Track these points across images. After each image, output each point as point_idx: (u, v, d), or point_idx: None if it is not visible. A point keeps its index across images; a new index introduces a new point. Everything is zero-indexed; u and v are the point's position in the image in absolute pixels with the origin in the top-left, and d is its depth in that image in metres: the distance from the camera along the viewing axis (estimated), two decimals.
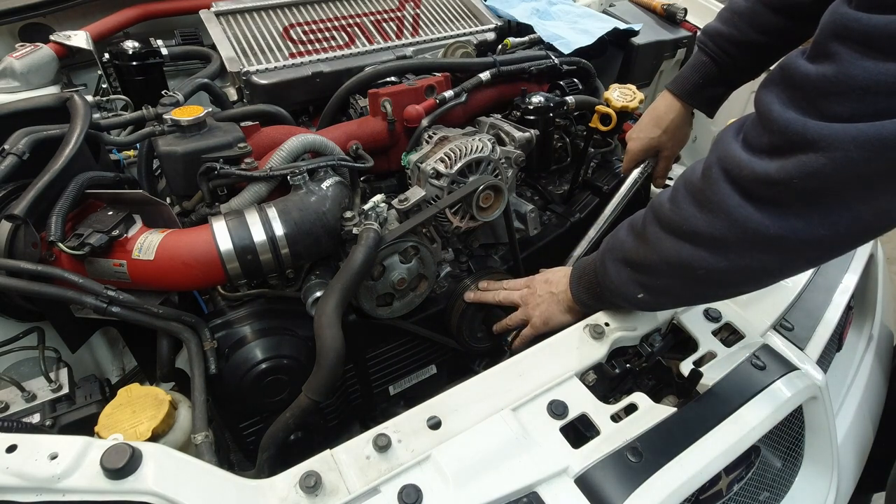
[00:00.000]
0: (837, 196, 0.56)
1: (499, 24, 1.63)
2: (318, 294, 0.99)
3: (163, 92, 1.22)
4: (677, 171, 1.95)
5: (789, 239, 0.60)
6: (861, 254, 1.21)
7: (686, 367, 0.85)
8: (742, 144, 0.62)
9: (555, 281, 1.00)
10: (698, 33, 1.15)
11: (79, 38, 1.43)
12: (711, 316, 0.93)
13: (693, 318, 0.92)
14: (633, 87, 1.34)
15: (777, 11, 1.00)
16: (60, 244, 0.83)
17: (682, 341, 0.93)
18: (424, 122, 1.20)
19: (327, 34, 1.45)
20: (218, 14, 1.42)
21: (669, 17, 1.76)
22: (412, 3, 1.59)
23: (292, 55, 1.38)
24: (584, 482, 0.71)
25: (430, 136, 1.18)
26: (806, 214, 0.58)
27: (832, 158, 0.53)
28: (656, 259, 0.73)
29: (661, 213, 0.72)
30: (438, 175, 1.07)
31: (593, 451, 0.73)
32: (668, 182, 1.34)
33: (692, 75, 1.16)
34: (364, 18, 1.51)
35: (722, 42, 1.08)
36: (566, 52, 1.48)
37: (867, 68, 0.50)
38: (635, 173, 1.26)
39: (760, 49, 1.06)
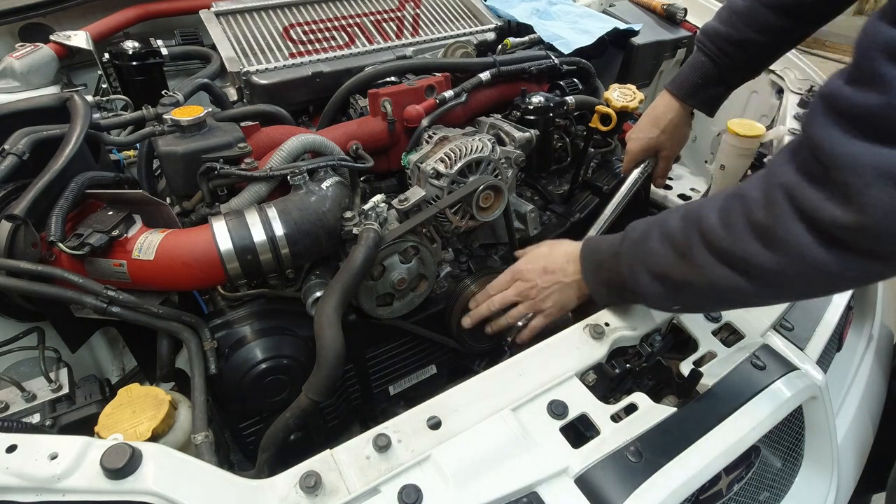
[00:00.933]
0: None
1: (499, 24, 1.63)
2: (318, 294, 0.99)
3: (163, 92, 1.22)
4: (678, 170, 1.95)
5: (853, 277, 0.59)
6: None
7: (686, 367, 0.85)
8: (808, 180, 0.58)
9: (557, 269, 0.95)
10: (697, 33, 1.15)
11: (79, 38, 1.43)
12: (711, 316, 0.93)
13: (693, 319, 0.92)
14: (633, 87, 1.34)
15: (776, 11, 1.00)
16: (60, 244, 0.83)
17: (681, 341, 0.93)
18: (424, 122, 1.20)
19: (327, 34, 1.45)
20: (218, 14, 1.42)
21: (669, 17, 1.77)
22: (412, 3, 1.59)
23: (292, 55, 1.38)
24: (584, 482, 0.71)
25: (430, 136, 1.18)
26: (885, 257, 0.56)
27: None
28: (703, 283, 0.71)
29: (714, 239, 0.67)
30: (438, 175, 1.07)
31: (593, 451, 0.73)
32: (668, 182, 1.34)
33: (691, 75, 1.16)
34: (364, 18, 1.51)
35: (720, 42, 1.08)
36: (566, 52, 1.49)
37: None
38: (635, 173, 1.26)
39: (759, 48, 1.07)
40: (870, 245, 0.55)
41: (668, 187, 1.87)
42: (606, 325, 0.89)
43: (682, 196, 1.85)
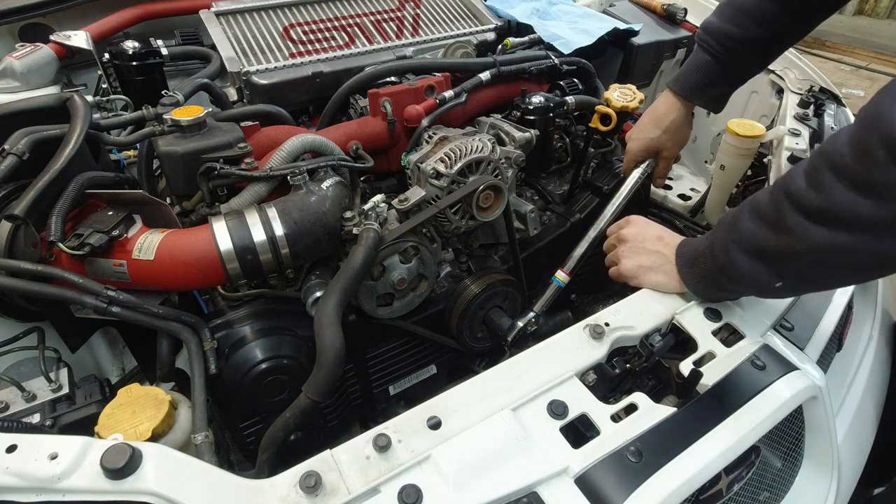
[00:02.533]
0: None
1: (499, 24, 1.63)
2: (318, 294, 1.00)
3: (163, 92, 1.22)
4: (677, 170, 1.95)
5: None
6: None
7: (686, 367, 0.85)
8: (891, 147, 0.56)
9: (666, 249, 0.94)
10: (697, 31, 1.14)
11: (79, 39, 1.43)
12: (711, 316, 0.93)
13: (693, 318, 0.92)
14: (633, 87, 1.34)
15: (783, 7, 0.99)
16: (60, 244, 0.83)
17: (681, 341, 0.93)
18: (424, 123, 1.20)
19: (327, 34, 1.45)
20: (218, 14, 1.42)
21: (669, 17, 1.77)
22: (412, 3, 1.59)
23: (292, 55, 1.38)
24: (584, 482, 0.71)
25: (430, 137, 1.18)
26: None
27: None
28: (803, 248, 0.68)
29: (805, 202, 0.66)
30: (438, 175, 1.07)
31: (593, 451, 0.73)
32: (668, 182, 1.34)
33: (695, 74, 1.14)
34: (364, 18, 1.51)
35: (725, 40, 1.07)
36: (566, 52, 1.49)
37: None
38: (636, 173, 1.26)
39: (766, 45, 1.06)
40: None
41: (668, 187, 1.87)
42: (606, 324, 0.89)
43: (681, 196, 1.85)
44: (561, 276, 1.15)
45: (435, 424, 0.74)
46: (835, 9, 1.01)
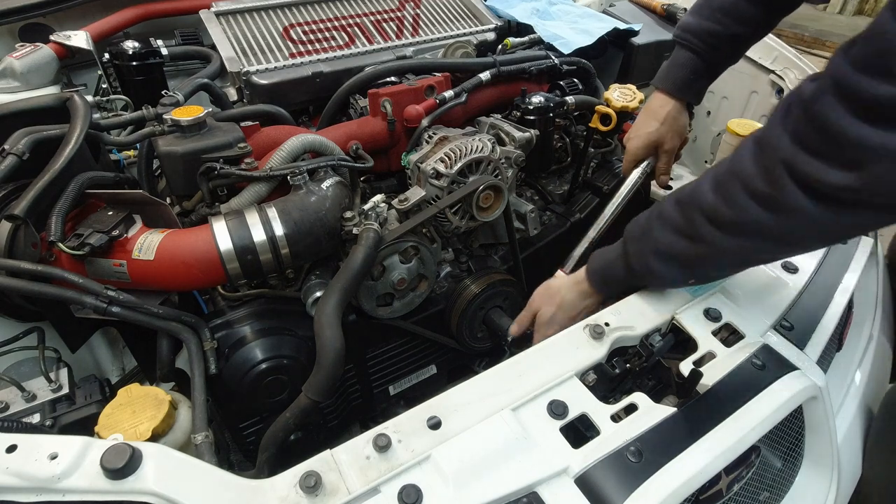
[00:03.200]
0: None
1: (499, 24, 1.63)
2: (319, 294, 1.00)
3: (163, 92, 1.23)
4: (677, 170, 1.95)
5: (848, 227, 0.68)
6: (861, 253, 1.21)
7: (686, 367, 0.85)
8: (807, 152, 0.64)
9: (560, 290, 1.03)
10: (676, 31, 1.17)
11: (79, 39, 1.43)
12: (711, 316, 0.93)
13: (693, 318, 0.92)
14: (633, 87, 1.34)
15: (755, 3, 1.05)
16: (60, 244, 0.83)
17: (681, 341, 0.93)
18: (424, 123, 1.20)
19: (327, 34, 1.45)
20: (218, 14, 1.42)
21: (669, 17, 1.76)
22: (412, 3, 1.59)
23: (292, 55, 1.38)
24: (584, 482, 0.71)
25: (430, 137, 1.18)
26: (878, 218, 0.66)
27: None
28: (716, 255, 0.80)
29: (718, 216, 0.75)
30: (438, 175, 1.07)
31: (593, 451, 0.73)
32: (669, 182, 1.34)
33: (680, 72, 1.18)
34: (364, 18, 1.51)
35: (707, 37, 1.12)
36: (566, 52, 1.49)
37: None
38: (635, 173, 1.26)
39: (744, 40, 1.13)
40: (866, 200, 0.62)
41: (669, 187, 1.87)
42: (606, 324, 0.89)
43: None
44: (560, 275, 1.15)
45: (435, 424, 0.74)
46: (798, 5, 1.09)
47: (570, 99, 1.34)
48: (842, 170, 0.61)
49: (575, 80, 1.42)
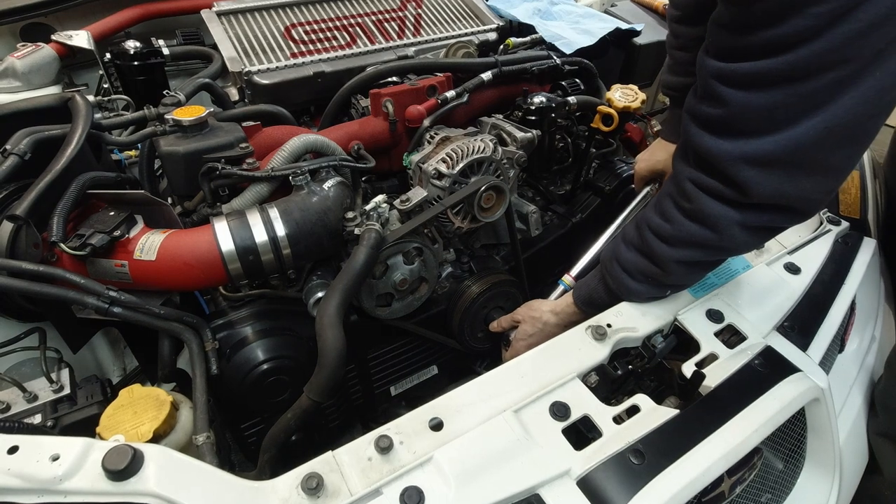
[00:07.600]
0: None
1: (500, 24, 1.63)
2: (320, 295, 0.99)
3: (164, 92, 1.22)
4: None
5: (757, 223, 0.76)
6: (863, 255, 1.21)
7: (688, 368, 0.85)
8: (702, 171, 0.76)
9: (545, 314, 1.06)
10: (663, 89, 1.22)
11: (80, 38, 1.43)
12: (714, 317, 0.93)
13: (695, 320, 0.92)
14: (635, 88, 1.34)
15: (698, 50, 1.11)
16: (62, 244, 0.83)
17: (684, 343, 0.93)
18: (426, 123, 1.20)
19: (329, 34, 1.45)
20: (219, 14, 1.42)
21: None
22: (414, 3, 1.59)
23: (294, 55, 1.38)
24: (586, 484, 0.71)
25: (431, 137, 1.18)
26: (764, 209, 0.74)
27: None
28: (672, 266, 0.86)
29: (663, 232, 0.84)
30: (440, 175, 1.07)
31: (595, 453, 0.73)
32: None
33: (677, 120, 1.20)
34: (366, 18, 1.51)
35: (685, 89, 1.14)
36: (568, 52, 1.48)
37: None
38: (644, 191, 1.28)
39: None
40: (756, 203, 0.73)
41: None
42: (609, 326, 0.89)
43: None
44: (568, 279, 1.15)
45: (437, 426, 0.74)
46: None
47: (571, 99, 1.34)
48: (725, 183, 0.72)
49: (577, 80, 1.42)
